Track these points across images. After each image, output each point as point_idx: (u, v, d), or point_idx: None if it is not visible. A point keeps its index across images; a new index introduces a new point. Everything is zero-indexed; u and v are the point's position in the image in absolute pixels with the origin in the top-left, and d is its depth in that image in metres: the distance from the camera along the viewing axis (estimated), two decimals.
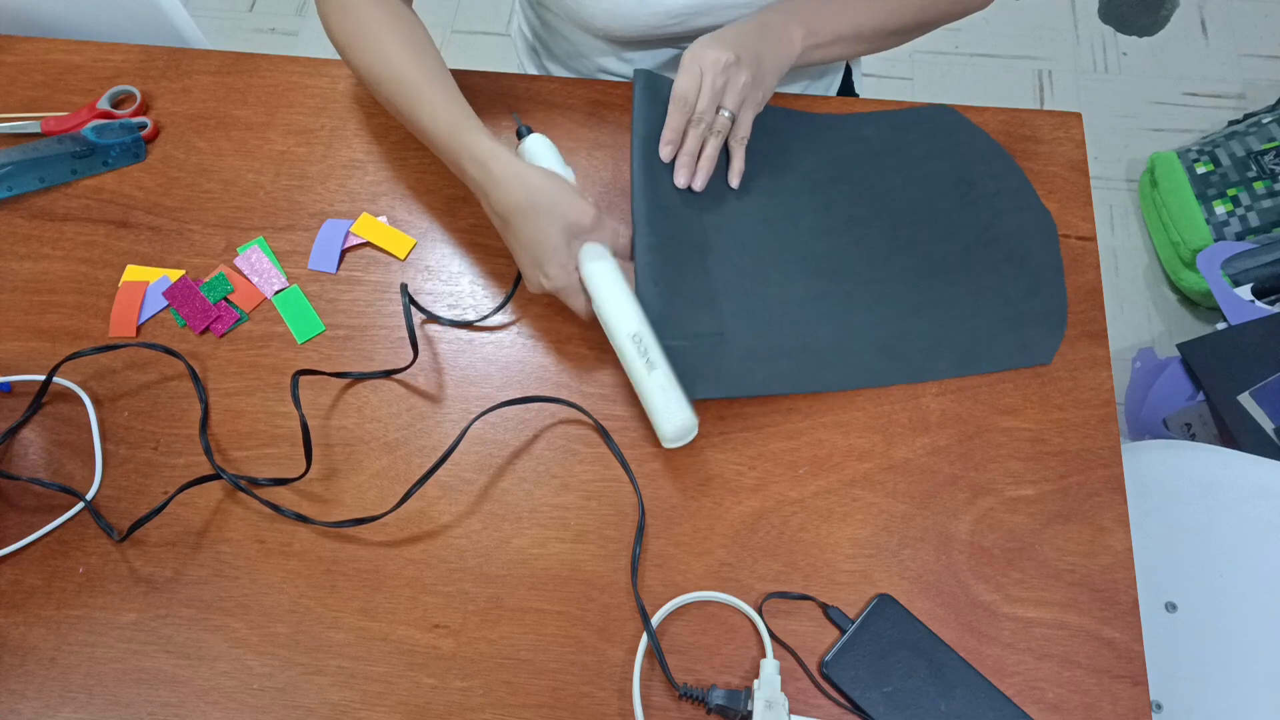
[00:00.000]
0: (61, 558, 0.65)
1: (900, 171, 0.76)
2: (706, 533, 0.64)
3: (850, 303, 0.71)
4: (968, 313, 0.71)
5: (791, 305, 0.70)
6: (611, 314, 0.65)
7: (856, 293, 0.71)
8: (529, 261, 0.66)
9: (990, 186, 0.76)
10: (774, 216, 0.73)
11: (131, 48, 0.85)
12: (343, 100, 0.81)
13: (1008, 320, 0.71)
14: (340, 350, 0.71)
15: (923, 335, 0.70)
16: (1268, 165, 1.46)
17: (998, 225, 0.74)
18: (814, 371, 0.68)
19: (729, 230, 0.72)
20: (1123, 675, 0.60)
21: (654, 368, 0.64)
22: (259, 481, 0.66)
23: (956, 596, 0.62)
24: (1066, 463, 0.66)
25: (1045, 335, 0.70)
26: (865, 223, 0.74)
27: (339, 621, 0.62)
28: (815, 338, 0.69)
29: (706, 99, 0.69)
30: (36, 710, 0.60)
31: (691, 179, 0.70)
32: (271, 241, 0.75)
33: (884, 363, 0.69)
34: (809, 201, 0.74)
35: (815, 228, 0.73)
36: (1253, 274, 1.39)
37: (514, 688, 0.60)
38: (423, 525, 0.65)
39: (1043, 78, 1.80)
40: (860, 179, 0.76)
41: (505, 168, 0.64)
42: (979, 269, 0.73)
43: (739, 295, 0.69)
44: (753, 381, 0.67)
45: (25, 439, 0.69)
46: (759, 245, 0.72)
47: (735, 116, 0.70)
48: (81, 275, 0.74)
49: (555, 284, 0.65)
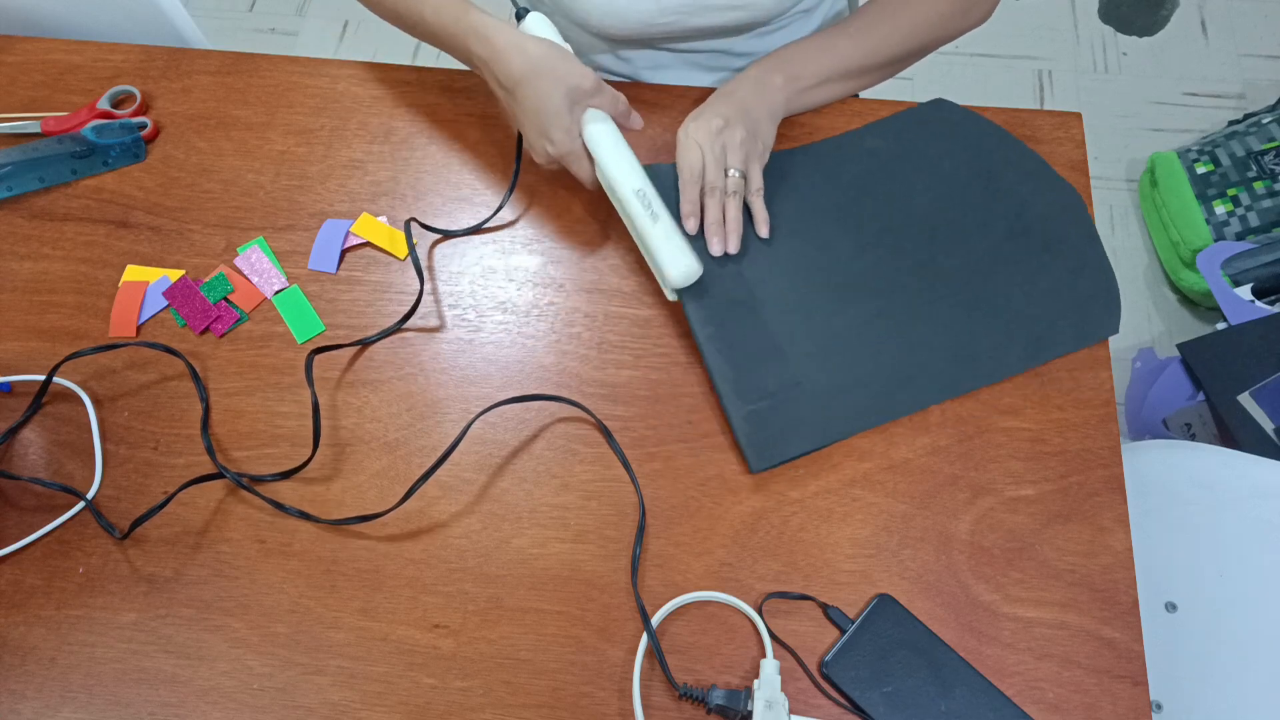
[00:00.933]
0: (61, 558, 0.65)
1: (918, 175, 0.76)
2: (706, 533, 0.64)
3: (908, 315, 0.70)
4: (1022, 302, 0.71)
5: (852, 330, 0.70)
6: (615, 173, 0.68)
7: (910, 304, 0.71)
8: (533, 129, 0.68)
9: (1009, 175, 0.76)
10: (808, 250, 0.73)
11: (131, 48, 0.84)
12: (343, 100, 0.81)
13: (1063, 303, 0.71)
14: (340, 350, 0.71)
15: (987, 333, 0.70)
16: (1268, 165, 1.46)
17: (1028, 212, 0.74)
18: (893, 395, 0.68)
19: (772, 279, 0.72)
20: (1123, 675, 0.60)
21: (658, 219, 0.67)
22: (262, 478, 0.66)
23: (956, 596, 0.62)
24: (1066, 463, 0.66)
25: (1102, 309, 0.71)
26: (898, 232, 0.74)
27: (339, 621, 0.62)
28: (886, 359, 0.69)
29: (712, 166, 0.70)
30: (36, 710, 0.60)
31: (725, 244, 0.71)
32: (271, 241, 0.75)
33: (957, 369, 0.69)
34: (838, 227, 0.74)
35: (851, 249, 0.73)
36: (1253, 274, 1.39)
37: (514, 688, 0.60)
38: (423, 525, 0.65)
39: (1043, 78, 1.79)
40: (881, 192, 0.75)
41: (508, 39, 0.67)
42: (1021, 256, 0.72)
43: (802, 338, 0.69)
44: (840, 420, 0.67)
45: (25, 439, 0.69)
46: (805, 283, 0.72)
47: (745, 173, 0.71)
48: (81, 275, 0.74)
49: (560, 149, 0.68)
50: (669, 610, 0.62)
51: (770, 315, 0.70)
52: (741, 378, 0.67)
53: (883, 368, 0.69)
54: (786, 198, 0.75)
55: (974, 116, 0.79)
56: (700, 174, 0.70)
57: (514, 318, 0.72)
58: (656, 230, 0.66)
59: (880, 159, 0.77)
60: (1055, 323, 0.70)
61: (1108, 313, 0.71)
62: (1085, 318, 0.70)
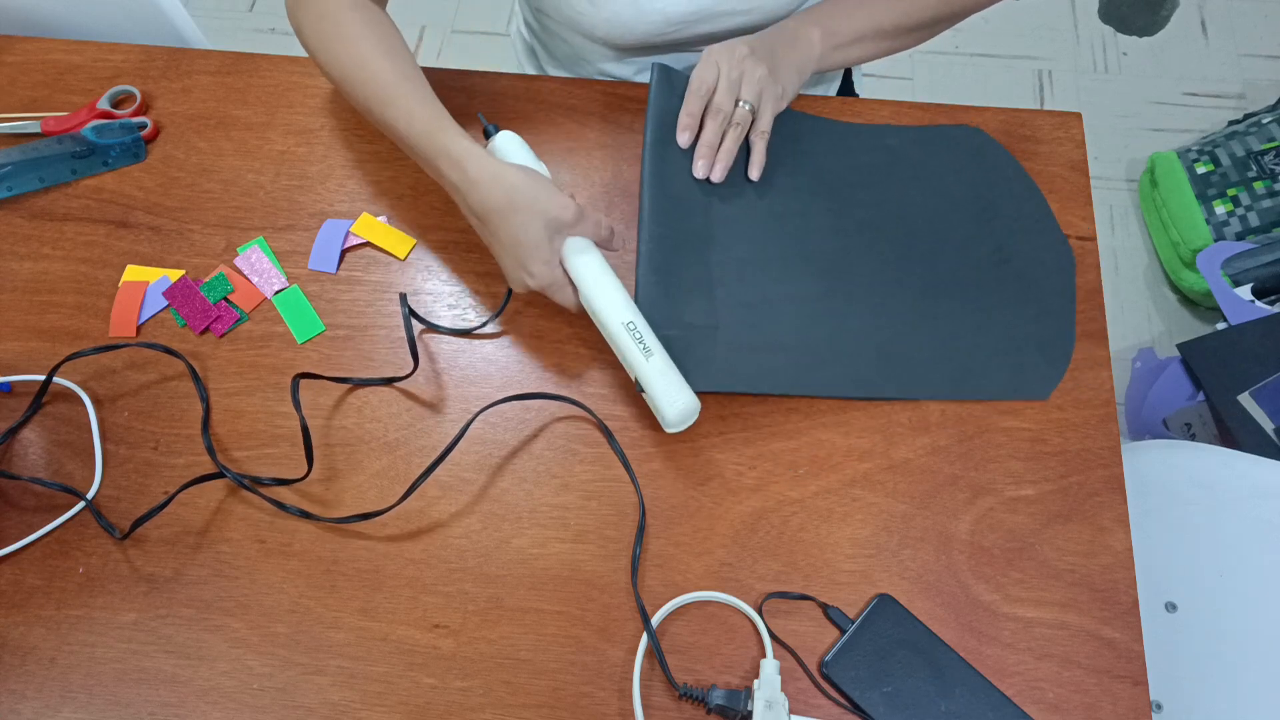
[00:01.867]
0: (61, 558, 0.65)
1: (920, 184, 0.76)
2: (706, 533, 0.64)
3: (851, 305, 0.70)
4: (969, 330, 0.70)
5: (790, 302, 0.70)
6: (602, 305, 0.65)
7: (858, 295, 0.71)
8: (511, 261, 0.65)
9: (1009, 209, 0.75)
10: (785, 213, 0.73)
11: (131, 48, 0.84)
12: (343, 100, 0.81)
13: (1008, 344, 0.70)
14: (340, 350, 0.71)
15: (920, 349, 0.69)
16: (1268, 165, 1.46)
17: (1011, 246, 0.73)
18: (806, 372, 0.68)
19: (737, 223, 0.71)
20: (1123, 675, 0.60)
21: (651, 354, 0.64)
22: (261, 480, 0.66)
23: (956, 596, 0.62)
24: (1066, 463, 0.66)
25: (1045, 365, 0.69)
26: (877, 228, 0.73)
27: (339, 621, 0.62)
28: (810, 337, 0.69)
29: (724, 88, 0.69)
30: (36, 710, 0.60)
31: (710, 170, 0.70)
32: (271, 241, 0.75)
33: (877, 372, 0.68)
34: (824, 202, 0.74)
35: (826, 228, 0.73)
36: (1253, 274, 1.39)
37: (514, 688, 0.60)
38: (423, 525, 0.65)
39: (1043, 78, 1.79)
40: (878, 186, 0.75)
41: (482, 168, 0.63)
42: (987, 287, 0.72)
43: (737, 287, 0.69)
44: (742, 375, 0.67)
45: (25, 439, 0.69)
46: (765, 239, 0.72)
47: (755, 109, 0.70)
48: (81, 275, 0.74)
49: (540, 281, 0.64)
50: (669, 610, 0.62)
51: (717, 256, 0.70)
52: (665, 302, 0.67)
53: (805, 344, 0.68)
54: (787, 157, 0.75)
55: (1000, 151, 0.78)
56: (709, 91, 0.69)
57: (511, 322, 0.72)
58: (650, 367, 0.63)
59: (892, 157, 0.77)
60: (990, 364, 0.69)
61: (1044, 378, 0.69)
62: (1022, 373, 0.69)
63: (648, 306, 0.66)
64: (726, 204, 0.72)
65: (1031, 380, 0.69)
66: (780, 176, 0.74)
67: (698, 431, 0.67)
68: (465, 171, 0.63)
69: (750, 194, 0.73)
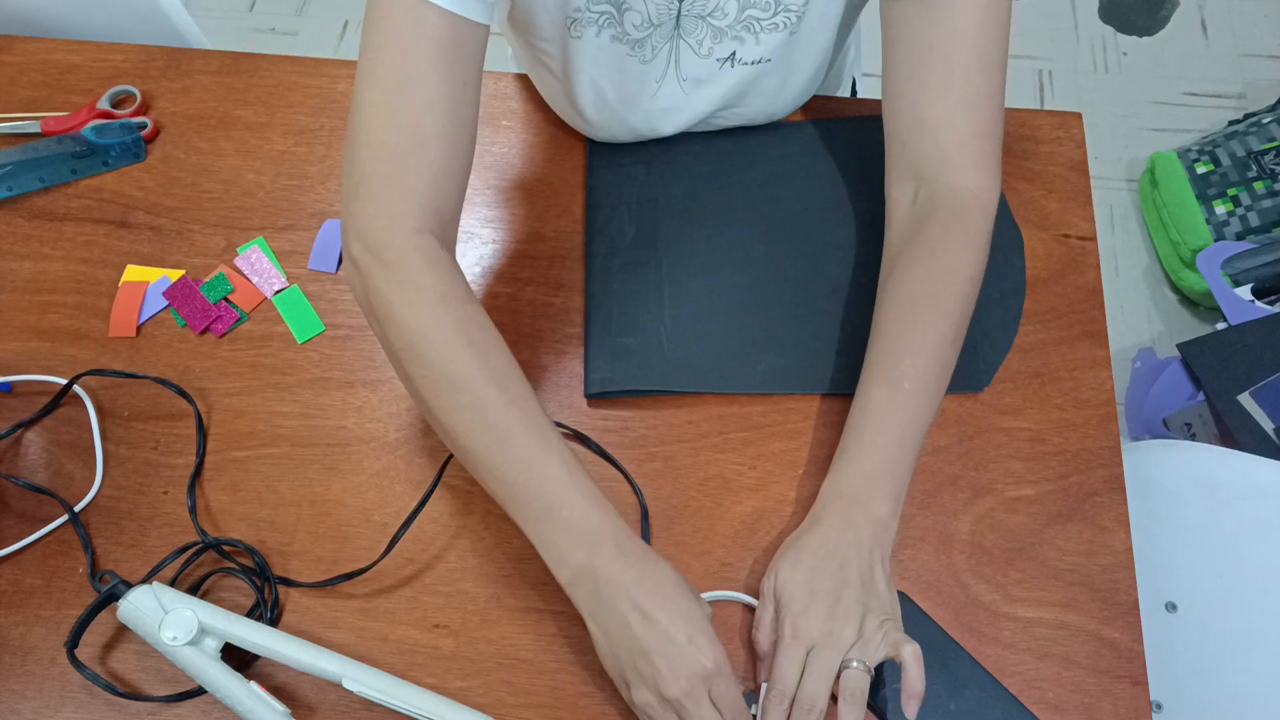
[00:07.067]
0: (61, 558, 0.65)
1: (832, 178, 0.76)
2: (706, 533, 0.64)
3: (773, 301, 0.71)
4: None
5: (714, 293, 0.71)
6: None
7: (781, 292, 0.71)
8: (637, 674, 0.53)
9: None
10: (724, 230, 0.74)
11: (131, 48, 0.84)
12: (343, 100, 0.81)
13: None
14: (340, 351, 0.71)
15: (845, 350, 0.69)
16: (1268, 165, 1.46)
17: None
18: (731, 369, 0.68)
19: (687, 236, 0.73)
20: (1123, 675, 0.60)
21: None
22: (236, 570, 0.66)
23: (956, 596, 0.62)
24: (1066, 463, 0.66)
25: (978, 359, 0.68)
26: (802, 226, 0.74)
27: (339, 621, 0.62)
28: (735, 333, 0.69)
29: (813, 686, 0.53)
30: (36, 710, 0.60)
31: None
32: (271, 241, 0.75)
33: (797, 366, 0.68)
34: (771, 203, 0.75)
35: (754, 235, 0.74)
36: (1253, 274, 1.39)
37: (514, 688, 0.60)
38: (423, 525, 0.65)
39: (1043, 78, 1.79)
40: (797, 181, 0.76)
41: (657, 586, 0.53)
42: None
43: (676, 290, 0.71)
44: (676, 375, 0.68)
45: (26, 438, 0.69)
46: (709, 241, 0.73)
47: (867, 665, 0.54)
48: (81, 275, 0.74)
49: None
50: None
51: (667, 267, 0.72)
52: (618, 308, 0.70)
53: (729, 339, 0.69)
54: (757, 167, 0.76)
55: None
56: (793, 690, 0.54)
57: (514, 318, 0.72)
58: None
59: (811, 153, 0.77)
60: None
61: (982, 364, 0.68)
62: (958, 366, 0.63)
63: (597, 312, 0.70)
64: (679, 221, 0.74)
65: (963, 372, 0.64)
66: (742, 190, 0.75)
67: (698, 431, 0.67)
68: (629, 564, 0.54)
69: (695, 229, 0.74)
